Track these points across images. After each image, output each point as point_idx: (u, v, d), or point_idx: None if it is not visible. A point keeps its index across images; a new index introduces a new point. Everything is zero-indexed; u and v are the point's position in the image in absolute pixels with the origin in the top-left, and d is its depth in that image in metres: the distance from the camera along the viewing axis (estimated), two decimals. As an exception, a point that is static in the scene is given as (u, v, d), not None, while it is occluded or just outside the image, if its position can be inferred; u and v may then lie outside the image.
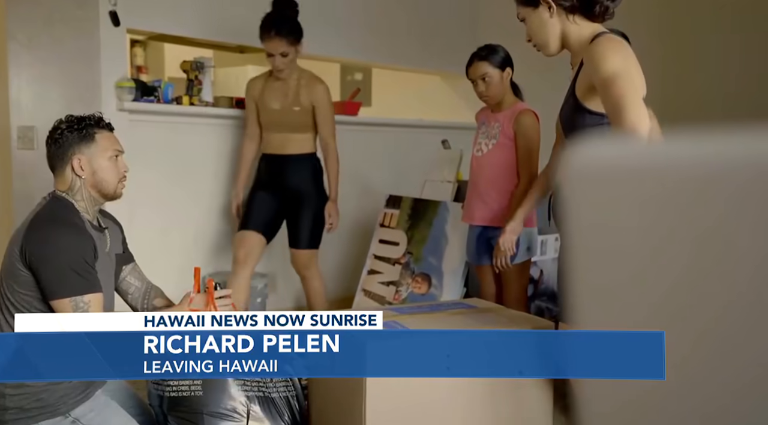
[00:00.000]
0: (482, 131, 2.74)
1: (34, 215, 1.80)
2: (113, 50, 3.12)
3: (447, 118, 4.75)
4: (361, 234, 4.03)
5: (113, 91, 3.11)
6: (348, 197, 4.11)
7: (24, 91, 3.55)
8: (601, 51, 1.56)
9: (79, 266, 1.73)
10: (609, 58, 1.54)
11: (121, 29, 3.12)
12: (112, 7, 3.06)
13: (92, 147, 1.86)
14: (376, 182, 4.13)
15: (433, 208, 3.41)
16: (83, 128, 1.86)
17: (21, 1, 3.45)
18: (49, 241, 1.73)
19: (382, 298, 3.41)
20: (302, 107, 3.13)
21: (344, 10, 4.16)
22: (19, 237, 1.76)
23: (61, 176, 1.87)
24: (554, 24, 1.71)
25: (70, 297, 1.70)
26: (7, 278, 1.78)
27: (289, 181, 3.18)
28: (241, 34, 3.70)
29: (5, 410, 1.74)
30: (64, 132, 1.85)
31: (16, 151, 3.59)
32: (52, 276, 1.71)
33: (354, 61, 5.07)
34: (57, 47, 3.30)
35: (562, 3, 1.69)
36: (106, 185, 1.87)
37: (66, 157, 1.85)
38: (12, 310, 1.75)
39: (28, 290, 1.75)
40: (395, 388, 1.99)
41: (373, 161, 4.22)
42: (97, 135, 1.87)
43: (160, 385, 1.89)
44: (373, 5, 4.33)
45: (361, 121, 4.26)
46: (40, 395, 1.75)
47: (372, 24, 4.31)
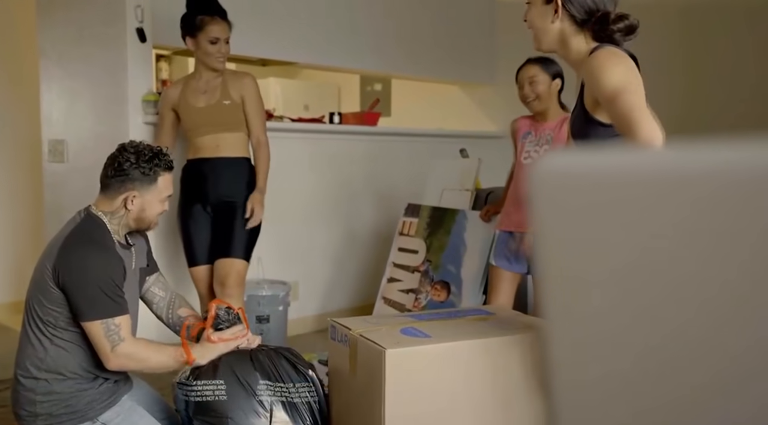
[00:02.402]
0: (529, 140, 2.73)
1: (69, 234, 1.83)
2: (139, 65, 3.22)
3: (465, 127, 4.79)
4: (381, 242, 4.08)
5: (140, 105, 3.20)
6: (367, 206, 4.18)
7: (55, 106, 3.67)
8: (600, 65, 1.52)
9: (110, 289, 1.78)
10: (610, 71, 1.49)
11: (147, 45, 3.21)
12: (139, 24, 3.15)
13: (151, 189, 1.89)
14: (396, 191, 4.18)
15: (451, 216, 3.44)
16: (151, 169, 1.87)
17: (53, 20, 3.57)
18: (82, 264, 1.77)
19: (402, 306, 3.46)
20: (232, 100, 2.87)
21: (363, 21, 4.22)
22: (53, 255, 1.80)
23: (109, 200, 1.89)
24: (555, 24, 1.65)
25: (101, 320, 1.76)
26: (37, 292, 1.82)
27: (220, 188, 2.87)
28: (263, 48, 3.78)
29: (36, 416, 1.81)
30: (132, 164, 1.85)
31: (47, 163, 3.70)
32: (84, 299, 1.76)
33: (373, 72, 5.13)
34: (86, 63, 3.40)
35: (574, 14, 1.63)
36: (147, 221, 1.93)
37: (123, 189, 1.87)
38: (39, 325, 1.81)
39: (57, 307, 1.80)
40: (414, 394, 2.03)
41: (392, 170, 4.27)
42: (160, 178, 1.90)
43: (186, 390, 1.94)
44: (392, 17, 4.40)
45: (381, 131, 4.32)
46: (68, 401, 1.81)
47: (391, 35, 4.38)
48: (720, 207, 0.36)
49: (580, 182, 0.41)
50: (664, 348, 0.38)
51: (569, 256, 0.42)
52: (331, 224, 4.04)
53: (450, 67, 4.74)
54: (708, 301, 0.37)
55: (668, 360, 0.38)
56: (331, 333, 2.28)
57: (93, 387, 1.84)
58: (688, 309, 0.38)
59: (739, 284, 0.36)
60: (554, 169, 0.43)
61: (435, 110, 5.30)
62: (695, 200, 0.37)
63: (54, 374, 1.81)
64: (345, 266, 4.13)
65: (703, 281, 0.37)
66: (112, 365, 1.79)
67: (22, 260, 4.18)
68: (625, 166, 0.40)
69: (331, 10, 4.04)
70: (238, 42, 3.63)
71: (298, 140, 3.86)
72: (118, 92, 3.23)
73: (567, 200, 0.42)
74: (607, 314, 0.41)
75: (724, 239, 0.36)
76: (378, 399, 1.99)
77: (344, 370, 2.19)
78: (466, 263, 3.30)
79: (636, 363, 0.40)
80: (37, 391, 1.80)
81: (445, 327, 2.26)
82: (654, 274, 0.38)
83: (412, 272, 3.51)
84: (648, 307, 0.39)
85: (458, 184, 3.64)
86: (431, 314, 2.52)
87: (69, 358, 1.82)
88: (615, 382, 0.41)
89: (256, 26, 3.68)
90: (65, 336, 1.81)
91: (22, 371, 1.83)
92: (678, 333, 0.38)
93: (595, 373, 0.42)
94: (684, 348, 0.38)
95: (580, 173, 0.42)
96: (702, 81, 3.69)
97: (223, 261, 2.82)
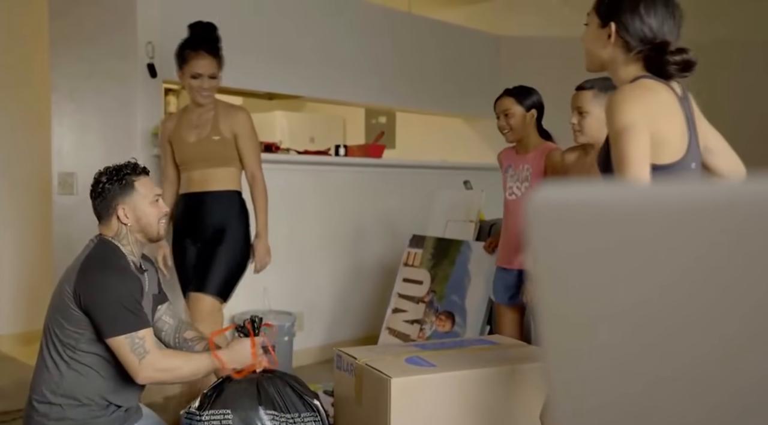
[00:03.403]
0: (510, 174, 2.77)
1: (85, 258, 1.90)
2: (149, 100, 3.29)
3: (469, 159, 4.84)
4: (386, 273, 4.10)
5: (149, 138, 3.27)
6: (372, 237, 4.21)
7: (66, 139, 3.74)
8: (617, 101, 1.46)
9: (131, 304, 1.83)
10: (623, 109, 1.44)
11: (157, 80, 3.29)
12: (150, 60, 3.23)
13: (134, 195, 1.96)
14: (400, 222, 4.22)
15: (455, 247, 3.47)
16: (122, 178, 1.96)
17: (66, 55, 3.66)
18: (102, 284, 1.83)
19: (407, 336, 3.47)
20: (222, 136, 2.81)
21: (368, 56, 4.31)
22: (72, 278, 1.85)
23: (108, 224, 1.97)
24: (606, 49, 1.57)
25: (126, 334, 1.80)
26: (57, 315, 1.87)
27: (207, 219, 2.82)
28: (269, 82, 3.87)
29: None
30: (105, 185, 1.95)
31: (57, 196, 3.75)
32: (106, 317, 1.80)
33: (378, 105, 5.21)
34: (97, 97, 3.48)
35: (628, 40, 1.53)
36: (150, 228, 1.98)
37: (110, 208, 1.95)
38: (58, 347, 1.85)
39: (78, 328, 1.84)
40: (419, 422, 2.03)
41: (396, 201, 4.32)
42: (136, 183, 1.97)
43: (193, 420, 1.96)
44: (397, 51, 4.49)
45: (386, 163, 4.37)
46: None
47: (396, 69, 4.46)
48: (726, 240, 0.36)
49: (579, 215, 0.41)
50: (670, 381, 0.38)
51: (571, 292, 0.42)
52: (336, 255, 4.07)
53: (454, 100, 4.82)
54: (713, 334, 0.37)
55: (673, 393, 0.38)
56: (337, 362, 2.30)
57: (105, 415, 1.87)
58: (694, 343, 0.38)
59: (746, 317, 0.36)
60: (550, 202, 0.42)
61: (439, 142, 5.37)
62: (702, 233, 0.37)
63: (69, 399, 1.83)
64: (350, 296, 4.15)
65: (709, 315, 0.37)
66: (141, 378, 1.82)
67: (31, 291, 4.22)
68: (628, 199, 0.40)
69: (336, 45, 4.13)
70: (246, 76, 3.72)
71: (303, 172, 3.92)
72: (127, 125, 3.30)
73: (566, 234, 0.41)
74: (612, 348, 0.40)
75: (731, 272, 0.36)
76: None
77: (350, 399, 2.20)
78: (470, 293, 3.31)
79: (639, 395, 0.39)
80: (51, 416, 1.83)
81: (449, 356, 2.27)
82: (660, 308, 0.39)
83: (417, 302, 3.53)
84: (653, 342, 0.39)
85: (462, 215, 3.68)
86: (436, 344, 2.54)
87: (85, 384, 1.85)
88: (615, 414, 0.41)
89: (263, 61, 3.76)
90: (84, 359, 1.84)
91: (38, 395, 1.86)
92: (684, 367, 0.38)
93: (594, 405, 0.42)
94: (689, 382, 0.38)
95: (577, 206, 0.41)
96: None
97: (194, 295, 2.76)
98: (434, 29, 4.76)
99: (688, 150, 1.53)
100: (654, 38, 1.53)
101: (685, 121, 1.54)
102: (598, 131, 2.27)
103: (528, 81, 2.80)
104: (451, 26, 4.87)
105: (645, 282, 0.39)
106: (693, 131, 1.56)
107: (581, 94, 2.36)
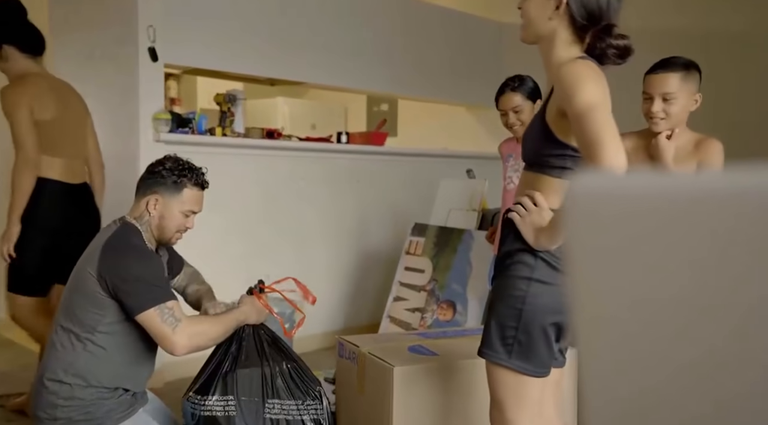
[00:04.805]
0: (510, 164, 2.75)
1: (107, 240, 1.90)
2: (151, 84, 3.26)
3: (472, 148, 4.83)
4: (387, 261, 4.10)
5: (150, 123, 3.25)
6: (374, 225, 4.20)
7: (66, 124, 3.71)
8: (580, 76, 1.38)
9: (156, 279, 1.86)
10: (587, 85, 1.37)
11: (158, 64, 3.26)
12: (151, 44, 3.20)
13: (175, 197, 1.97)
14: (402, 211, 4.21)
15: (457, 236, 3.46)
16: (180, 177, 1.97)
17: (66, 39, 3.62)
18: (126, 264, 1.84)
19: (408, 324, 3.46)
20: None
21: (371, 42, 4.28)
22: (94, 261, 1.85)
23: (138, 203, 1.99)
24: (551, 21, 1.49)
25: (154, 307, 1.81)
26: (78, 297, 1.87)
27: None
28: (271, 68, 3.84)
29: (55, 420, 1.84)
30: (163, 170, 1.97)
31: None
32: (134, 294, 1.81)
33: (380, 93, 5.18)
34: (98, 82, 3.45)
35: (574, 14, 1.46)
36: (165, 231, 1.99)
37: (149, 191, 1.97)
38: (77, 327, 1.85)
39: (100, 309, 1.84)
40: (421, 411, 2.03)
41: (399, 189, 4.30)
42: (187, 190, 1.98)
43: (196, 404, 1.95)
44: (400, 38, 4.45)
45: (388, 151, 4.35)
46: (88, 408, 1.84)
47: (398, 56, 4.43)
48: (754, 228, 0.36)
49: (617, 203, 0.41)
50: (698, 365, 0.39)
51: (606, 282, 0.42)
52: (338, 243, 4.06)
53: (457, 88, 4.79)
54: (753, 322, 0.37)
55: (702, 378, 0.38)
56: (340, 350, 2.29)
57: (113, 397, 1.88)
58: (727, 329, 0.38)
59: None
60: (592, 190, 0.42)
61: (442, 130, 5.34)
62: (731, 223, 0.36)
63: (79, 379, 1.84)
64: (351, 284, 4.15)
65: (748, 302, 0.37)
66: (180, 347, 1.82)
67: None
68: (666, 187, 0.40)
69: (338, 31, 4.10)
70: (247, 62, 3.69)
71: (305, 159, 3.90)
72: (129, 110, 3.28)
73: (603, 223, 0.41)
74: (643, 334, 0.40)
75: (759, 259, 0.36)
76: (386, 416, 2.00)
77: (352, 387, 2.20)
78: (471, 282, 3.31)
79: (673, 382, 0.40)
80: (60, 395, 1.84)
81: (451, 345, 2.27)
82: (697, 297, 0.38)
83: (419, 291, 3.52)
84: (688, 330, 0.39)
85: (465, 204, 3.67)
86: (438, 333, 2.53)
87: (98, 365, 1.85)
88: (650, 402, 0.41)
89: (264, 47, 3.73)
90: (101, 341, 1.85)
91: (50, 373, 1.86)
92: (721, 351, 0.38)
93: (628, 394, 0.42)
94: (727, 365, 0.38)
95: (618, 194, 0.41)
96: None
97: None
98: (437, 16, 4.72)
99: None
100: (600, 16, 1.46)
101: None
102: (683, 116, 2.08)
103: (531, 69, 2.77)
104: (453, 13, 4.83)
105: (683, 271, 0.38)
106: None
107: (668, 77, 2.04)
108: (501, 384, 1.56)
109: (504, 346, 1.53)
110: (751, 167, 0.37)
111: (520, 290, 1.51)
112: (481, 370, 2.10)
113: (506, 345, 1.52)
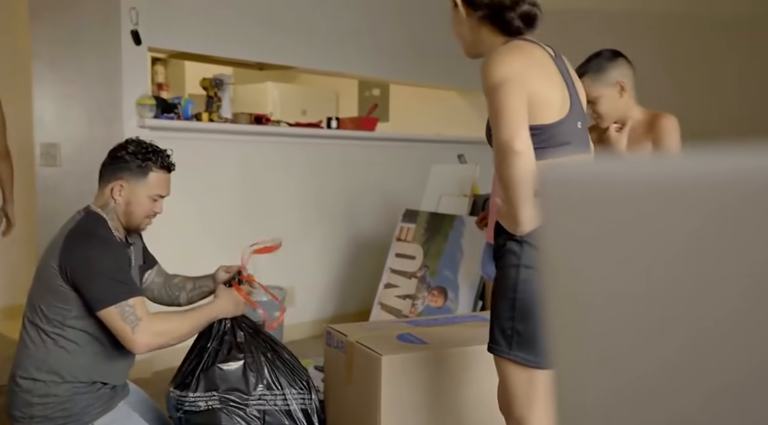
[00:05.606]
0: None
1: (70, 231, 1.82)
2: (134, 68, 3.19)
3: (464, 133, 4.77)
4: (378, 248, 4.05)
5: (134, 109, 3.17)
6: (365, 211, 4.15)
7: (47, 109, 3.63)
8: (490, 61, 1.44)
9: (118, 274, 1.77)
10: (494, 68, 1.42)
11: (142, 48, 3.18)
12: (134, 27, 3.12)
13: (140, 182, 1.88)
14: (393, 197, 4.16)
15: (448, 222, 3.42)
16: (145, 161, 1.88)
17: (45, 22, 3.54)
18: (87, 256, 1.76)
19: (399, 311, 3.42)
20: None
21: (362, 26, 4.20)
22: (56, 252, 1.78)
23: (101, 191, 1.91)
24: (469, 28, 1.59)
25: (115, 304, 1.73)
26: (43, 291, 1.81)
27: None
28: (260, 52, 3.76)
29: (32, 418, 1.78)
30: (125, 154, 1.88)
31: (39, 168, 3.66)
32: (94, 290, 1.74)
33: (371, 78, 5.11)
34: (80, 66, 3.37)
35: (475, 9, 1.57)
36: (133, 217, 1.91)
37: (113, 177, 1.88)
38: (44, 323, 1.79)
39: (65, 304, 1.78)
40: (410, 400, 2.00)
41: (390, 175, 4.25)
42: (152, 174, 1.89)
43: (179, 397, 1.91)
44: (391, 22, 4.38)
45: (379, 136, 4.30)
46: (65, 404, 1.78)
47: (389, 41, 4.36)
48: (736, 216, 0.35)
49: (590, 192, 0.40)
50: (686, 358, 0.37)
51: (582, 272, 0.40)
52: (328, 229, 4.01)
53: (448, 73, 4.72)
54: (729, 310, 0.36)
55: (681, 372, 0.37)
56: (327, 339, 2.25)
57: (91, 392, 1.82)
58: (704, 319, 0.36)
59: (754, 295, 0.35)
60: (561, 179, 0.41)
61: (433, 115, 5.28)
62: (710, 209, 0.35)
63: (54, 375, 1.78)
64: (342, 271, 4.10)
65: (726, 291, 0.35)
66: (139, 346, 1.75)
67: (14, 265, 4.14)
68: (638, 174, 0.39)
69: (329, 15, 4.02)
70: (235, 45, 3.61)
71: (295, 145, 3.84)
72: (112, 95, 3.20)
73: (577, 211, 0.40)
74: (620, 329, 0.39)
75: (738, 248, 0.35)
76: (374, 406, 1.96)
77: (340, 376, 2.16)
78: (462, 269, 3.27)
79: (651, 376, 0.38)
80: (35, 393, 1.78)
81: (441, 333, 2.23)
82: (673, 285, 0.37)
83: (410, 277, 3.48)
84: (667, 320, 0.37)
85: (456, 190, 3.62)
86: (428, 321, 2.49)
87: (70, 360, 1.79)
88: (625, 394, 0.40)
89: (253, 30, 3.65)
90: (70, 335, 1.79)
91: (22, 371, 1.80)
92: (701, 343, 0.37)
93: (604, 387, 0.40)
94: (697, 360, 0.37)
95: (588, 182, 0.40)
96: (684, 87, 3.67)
97: None
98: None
99: (570, 109, 1.51)
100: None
101: (562, 79, 1.52)
102: (617, 109, 2.17)
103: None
104: (445, -4, 4.75)
105: (660, 259, 0.37)
106: (573, 89, 1.55)
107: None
108: (508, 379, 1.53)
109: (504, 338, 1.49)
110: (729, 151, 0.35)
111: (511, 279, 1.48)
112: (470, 358, 2.06)
113: (506, 337, 1.49)
